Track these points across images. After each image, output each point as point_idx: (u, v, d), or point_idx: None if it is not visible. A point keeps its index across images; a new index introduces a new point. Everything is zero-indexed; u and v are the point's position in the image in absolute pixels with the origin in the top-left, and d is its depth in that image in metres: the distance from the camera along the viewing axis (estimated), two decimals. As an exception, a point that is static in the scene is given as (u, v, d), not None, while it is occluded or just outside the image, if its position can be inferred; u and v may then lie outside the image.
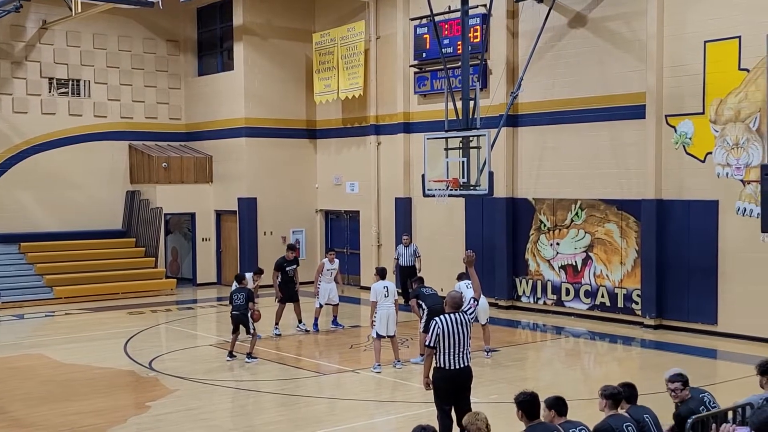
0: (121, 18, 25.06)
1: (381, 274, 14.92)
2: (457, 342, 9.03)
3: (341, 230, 25.73)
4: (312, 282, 19.60)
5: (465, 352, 9.10)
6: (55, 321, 20.15)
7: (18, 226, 23.81)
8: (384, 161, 23.64)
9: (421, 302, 14.06)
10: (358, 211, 24.64)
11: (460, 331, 9.05)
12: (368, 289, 23.81)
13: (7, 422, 11.48)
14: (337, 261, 18.10)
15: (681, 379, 7.65)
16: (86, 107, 25.14)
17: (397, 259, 20.82)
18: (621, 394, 7.41)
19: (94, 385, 13.30)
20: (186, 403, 12.20)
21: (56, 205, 24.48)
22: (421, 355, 15.65)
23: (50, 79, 24.60)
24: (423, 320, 13.88)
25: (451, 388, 9.12)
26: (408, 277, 19.70)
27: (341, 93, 23.98)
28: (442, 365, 9.08)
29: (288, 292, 17.44)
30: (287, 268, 17.47)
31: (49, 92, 24.63)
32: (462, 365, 9.09)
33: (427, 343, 9.16)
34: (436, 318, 9.22)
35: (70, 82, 24.95)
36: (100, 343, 17.01)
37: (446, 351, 9.02)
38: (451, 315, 9.14)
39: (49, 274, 22.84)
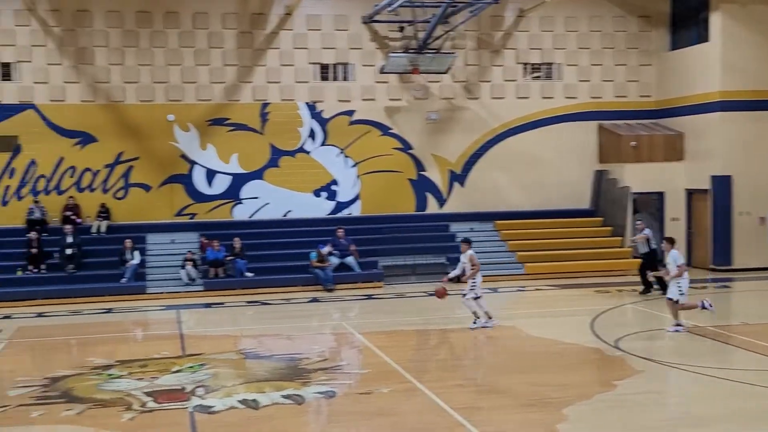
0: (592, -1, 25.25)
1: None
2: None
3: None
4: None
5: None
6: (525, 296, 21.06)
7: (493, 204, 25.35)
8: None
9: None
10: None
11: None
12: None
13: (476, 386, 12.28)
14: None
15: None
16: (557, 90, 25.80)
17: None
18: None
19: (560, 359, 13.56)
20: (652, 386, 11.86)
21: (527, 185, 25.56)
22: None
23: (524, 64, 25.68)
24: None
25: None
26: None
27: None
28: None
29: None
30: None
31: (523, 77, 25.73)
32: None
33: None
34: None
35: (543, 67, 25.79)
36: (566, 319, 17.36)
37: None
38: None
39: (521, 251, 23.90)
